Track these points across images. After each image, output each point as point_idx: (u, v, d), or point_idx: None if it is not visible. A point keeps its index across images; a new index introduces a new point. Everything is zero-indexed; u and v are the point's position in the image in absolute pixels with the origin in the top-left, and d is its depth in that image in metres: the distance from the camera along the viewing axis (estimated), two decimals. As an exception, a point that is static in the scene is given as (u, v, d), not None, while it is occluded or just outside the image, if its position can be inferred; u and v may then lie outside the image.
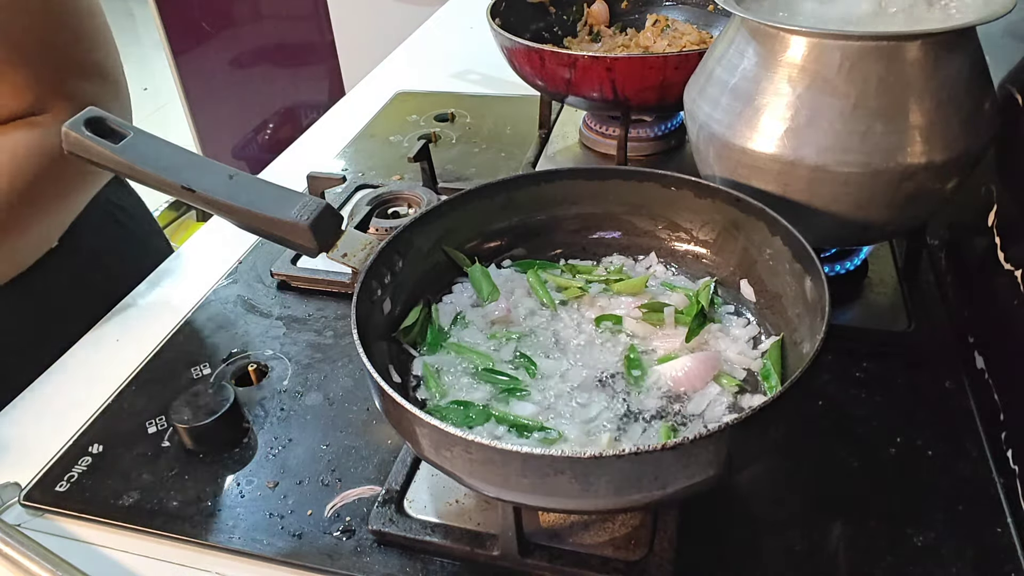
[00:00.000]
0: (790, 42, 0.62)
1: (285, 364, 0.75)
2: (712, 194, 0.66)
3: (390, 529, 0.57)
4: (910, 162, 0.61)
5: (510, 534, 0.53)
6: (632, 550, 0.55)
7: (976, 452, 0.62)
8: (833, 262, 0.78)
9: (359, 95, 1.35)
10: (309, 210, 0.60)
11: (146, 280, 0.90)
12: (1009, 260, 0.66)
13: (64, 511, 0.62)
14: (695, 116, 0.70)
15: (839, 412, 0.66)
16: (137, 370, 0.76)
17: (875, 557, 0.55)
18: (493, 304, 0.65)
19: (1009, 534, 0.56)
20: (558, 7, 1.13)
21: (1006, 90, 0.70)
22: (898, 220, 0.67)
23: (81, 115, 0.61)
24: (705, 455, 0.44)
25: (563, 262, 0.71)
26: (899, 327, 0.73)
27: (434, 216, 0.66)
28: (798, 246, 0.58)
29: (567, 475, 0.44)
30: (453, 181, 1.02)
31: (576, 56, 0.85)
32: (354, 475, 0.63)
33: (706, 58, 0.72)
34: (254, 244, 0.93)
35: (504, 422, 0.55)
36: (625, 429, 0.55)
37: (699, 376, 0.58)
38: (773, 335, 0.61)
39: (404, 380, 0.60)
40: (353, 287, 0.57)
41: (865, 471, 0.61)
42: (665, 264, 0.70)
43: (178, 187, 0.60)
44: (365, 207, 0.87)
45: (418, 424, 0.47)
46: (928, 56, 0.59)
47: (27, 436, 0.70)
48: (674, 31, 1.06)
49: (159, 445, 0.67)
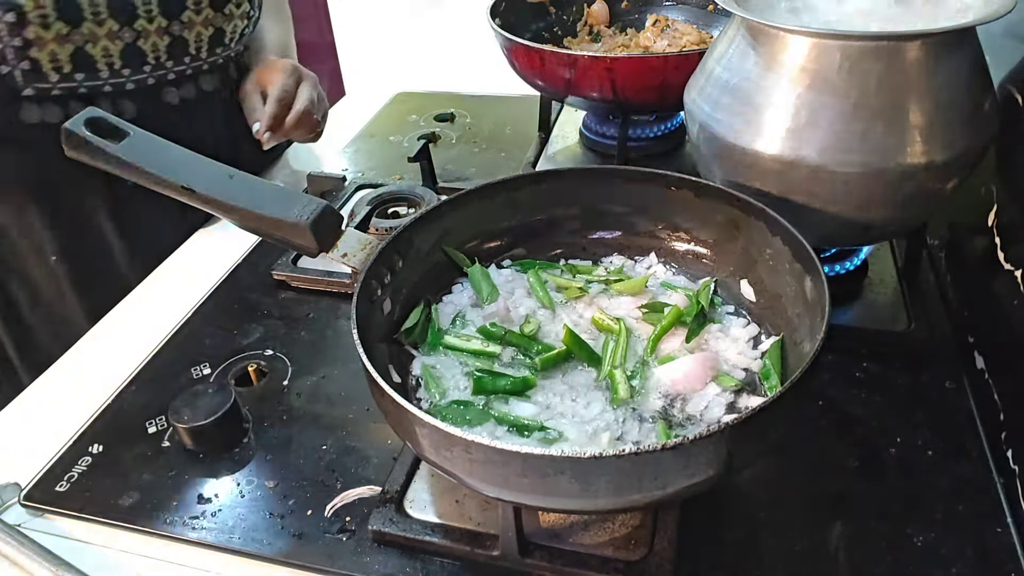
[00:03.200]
0: (790, 42, 0.62)
1: (285, 364, 0.75)
2: (712, 194, 0.66)
3: (390, 529, 0.57)
4: (910, 162, 0.61)
5: (510, 534, 0.53)
6: (632, 550, 0.55)
7: (976, 452, 0.62)
8: (833, 262, 0.78)
9: (359, 95, 1.35)
10: (309, 210, 0.60)
11: (146, 280, 0.90)
12: (1009, 260, 0.66)
13: (64, 511, 0.62)
14: (695, 116, 0.70)
15: (839, 412, 0.66)
16: (137, 370, 0.76)
17: (875, 557, 0.55)
18: (493, 304, 0.65)
19: (1009, 534, 0.56)
20: (558, 7, 1.13)
21: (1006, 90, 0.70)
22: (898, 220, 0.67)
23: (81, 115, 0.61)
24: (705, 455, 0.44)
25: (563, 262, 0.71)
26: (899, 327, 0.73)
27: (434, 216, 0.66)
28: (798, 246, 0.58)
29: (567, 475, 0.44)
30: (453, 181, 1.02)
31: (576, 56, 0.85)
32: (354, 475, 0.63)
33: (706, 58, 0.72)
34: (254, 244, 0.93)
35: (504, 422, 0.55)
36: (625, 429, 0.55)
37: (698, 377, 0.58)
38: (773, 335, 0.61)
39: (404, 380, 0.60)
40: (353, 287, 0.57)
41: (865, 471, 0.61)
42: (665, 264, 0.70)
43: (178, 187, 0.60)
44: (365, 207, 0.87)
45: (418, 424, 0.47)
46: (928, 56, 0.59)
47: (27, 436, 0.70)
48: (674, 31, 1.06)
49: (159, 445, 0.67)
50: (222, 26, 0.97)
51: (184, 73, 0.95)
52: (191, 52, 0.95)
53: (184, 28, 0.92)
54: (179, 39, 0.92)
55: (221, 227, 0.98)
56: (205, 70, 0.98)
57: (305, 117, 0.97)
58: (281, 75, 0.98)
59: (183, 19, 0.91)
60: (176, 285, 0.89)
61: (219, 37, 0.97)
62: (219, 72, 1.01)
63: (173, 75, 0.94)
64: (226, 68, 1.02)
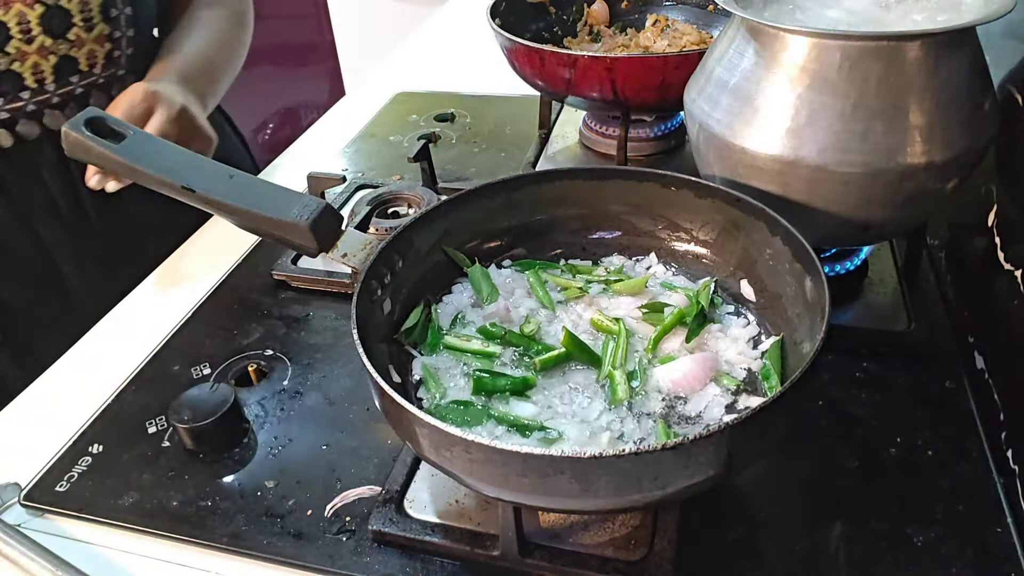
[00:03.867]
0: (790, 42, 0.62)
1: (285, 364, 0.75)
2: (712, 194, 0.66)
3: (390, 529, 0.57)
4: (910, 162, 0.61)
5: (510, 534, 0.53)
6: (632, 550, 0.55)
7: (976, 452, 0.62)
8: (833, 262, 0.78)
9: (359, 95, 1.35)
10: (309, 210, 0.60)
11: (146, 280, 0.90)
12: (1009, 260, 0.66)
13: (64, 511, 0.62)
14: (695, 116, 0.70)
15: (839, 412, 0.66)
16: (137, 370, 0.76)
17: (875, 557, 0.55)
18: (493, 304, 0.65)
19: (1009, 534, 0.56)
20: (558, 7, 1.13)
21: (1006, 90, 0.70)
22: (898, 220, 0.67)
23: (81, 115, 0.61)
24: (705, 455, 0.44)
25: (563, 262, 0.71)
26: (899, 327, 0.73)
27: (434, 216, 0.66)
28: (798, 246, 0.58)
29: (567, 475, 0.44)
30: (453, 181, 1.02)
31: (576, 56, 0.85)
32: (354, 475, 0.63)
33: (706, 58, 0.72)
34: (254, 244, 0.93)
35: (504, 422, 0.55)
36: (625, 429, 0.55)
37: (697, 378, 0.58)
38: (773, 335, 0.61)
39: (404, 381, 0.60)
40: (353, 287, 0.57)
41: (865, 471, 0.61)
42: (665, 264, 0.70)
43: (178, 187, 0.60)
44: (365, 207, 0.87)
45: (418, 424, 0.47)
46: (928, 56, 0.59)
47: (27, 436, 0.70)
48: (674, 31, 1.06)
49: (159, 445, 0.67)
50: (68, 54, 0.86)
51: (23, 110, 0.85)
52: (28, 87, 0.84)
53: (12, 61, 0.82)
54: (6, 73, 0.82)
55: (221, 227, 0.98)
56: (55, 104, 0.87)
57: None
58: (125, 104, 0.83)
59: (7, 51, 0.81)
60: (176, 285, 0.89)
61: (69, 65, 0.86)
62: (72, 107, 0.89)
63: (5, 113, 0.84)
64: (84, 100, 0.90)
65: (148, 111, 0.83)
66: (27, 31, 0.82)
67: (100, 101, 0.91)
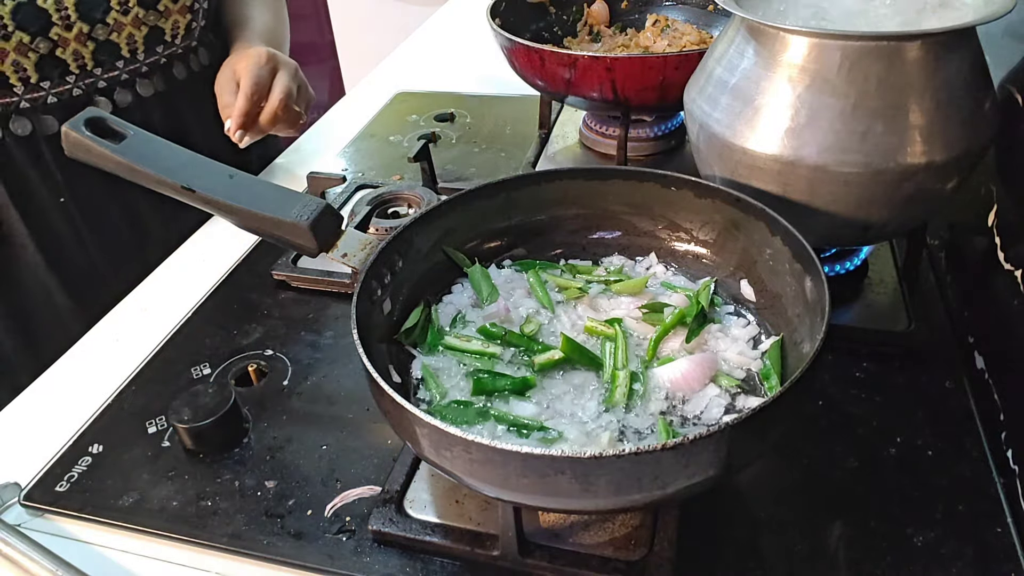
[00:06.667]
0: (790, 42, 0.62)
1: (285, 364, 0.75)
2: (712, 194, 0.66)
3: (390, 529, 0.57)
4: (910, 162, 0.61)
5: (510, 534, 0.53)
6: (632, 550, 0.55)
7: (976, 452, 0.62)
8: (833, 262, 0.78)
9: (359, 95, 1.35)
10: (309, 210, 0.60)
11: (146, 280, 0.90)
12: (1009, 260, 0.66)
13: (64, 511, 0.62)
14: (695, 116, 0.70)
15: (839, 412, 0.66)
16: (137, 370, 0.76)
17: (875, 557, 0.55)
18: (493, 305, 0.65)
19: (1009, 534, 0.56)
20: (558, 7, 1.13)
21: (1006, 90, 0.70)
22: (898, 220, 0.67)
23: (81, 115, 0.61)
24: (705, 455, 0.44)
25: (563, 262, 0.71)
26: (899, 327, 0.73)
27: (434, 216, 0.66)
28: (798, 246, 0.58)
29: (567, 475, 0.44)
30: (453, 181, 1.02)
31: (576, 56, 0.85)
32: (354, 475, 0.63)
33: (706, 58, 0.72)
34: (254, 244, 0.93)
35: (504, 422, 0.55)
36: (625, 429, 0.55)
37: (697, 378, 0.58)
38: (773, 335, 0.61)
39: (404, 381, 0.60)
40: (353, 287, 0.57)
41: (865, 471, 0.61)
42: (665, 264, 0.70)
43: (178, 187, 0.60)
44: (365, 207, 0.87)
45: (418, 424, 0.47)
46: (928, 56, 0.59)
47: (27, 436, 0.70)
48: (674, 31, 1.06)
49: (159, 445, 0.67)
50: (157, 24, 0.92)
51: (118, 79, 0.90)
52: (123, 56, 0.90)
53: (110, 31, 0.87)
54: (105, 43, 0.87)
55: (221, 227, 0.98)
56: (144, 72, 0.93)
57: (283, 111, 0.90)
58: (253, 64, 0.90)
59: (107, 22, 0.86)
60: (176, 285, 0.89)
61: (156, 36, 0.92)
62: (161, 73, 0.95)
63: (103, 83, 0.90)
64: (169, 68, 0.97)
65: (272, 70, 0.91)
66: (124, 2, 0.88)
67: (180, 71, 0.99)
